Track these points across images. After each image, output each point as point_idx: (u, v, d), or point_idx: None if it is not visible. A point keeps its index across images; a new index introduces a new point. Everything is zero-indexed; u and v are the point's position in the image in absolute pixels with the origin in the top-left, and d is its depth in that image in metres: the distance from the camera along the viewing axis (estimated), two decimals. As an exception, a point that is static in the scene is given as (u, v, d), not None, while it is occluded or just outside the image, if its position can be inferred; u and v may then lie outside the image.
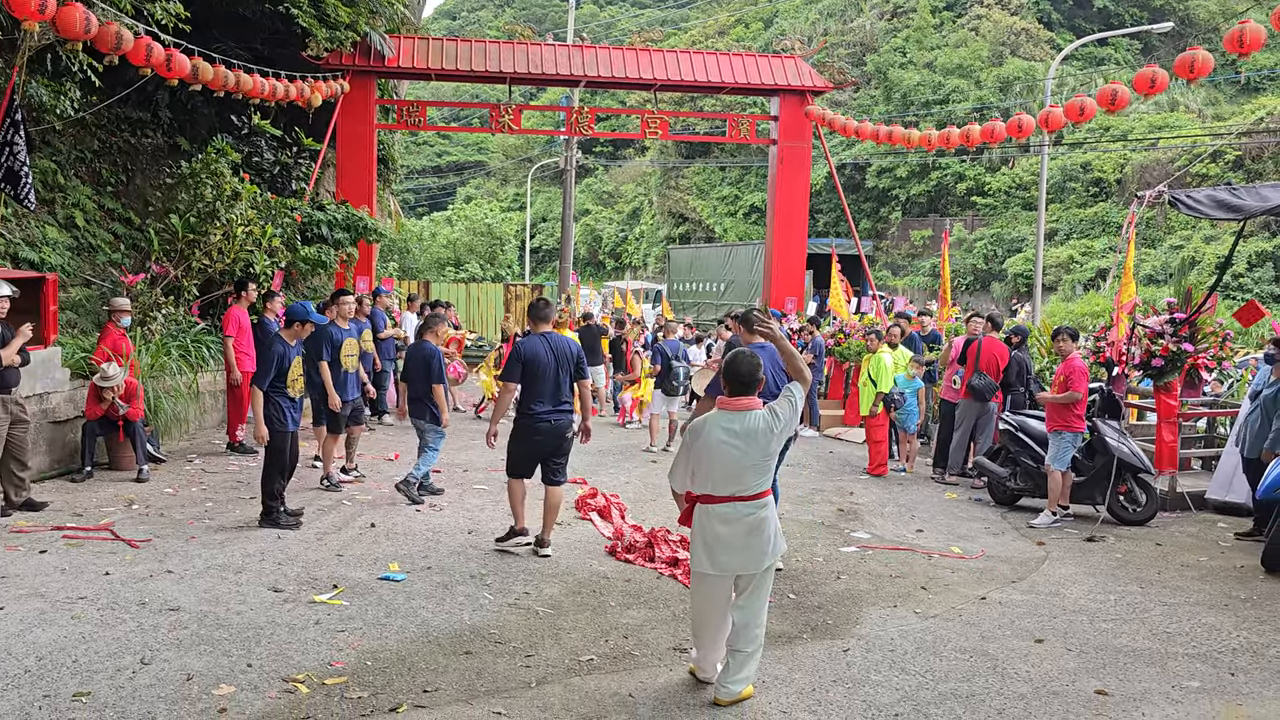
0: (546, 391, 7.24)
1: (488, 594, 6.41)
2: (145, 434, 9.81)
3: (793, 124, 19.26)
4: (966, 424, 10.99)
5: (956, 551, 8.00)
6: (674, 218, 52.86)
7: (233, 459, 10.76)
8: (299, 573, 6.68)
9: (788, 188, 19.48)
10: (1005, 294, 36.14)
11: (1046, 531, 8.83)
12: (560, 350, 7.31)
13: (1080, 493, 9.29)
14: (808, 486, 10.56)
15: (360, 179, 18.06)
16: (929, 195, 41.68)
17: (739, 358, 4.90)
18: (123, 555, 6.94)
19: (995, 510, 9.73)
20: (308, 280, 16.71)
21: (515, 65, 18.61)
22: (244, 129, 16.79)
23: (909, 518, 9.23)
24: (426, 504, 8.92)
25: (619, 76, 19.05)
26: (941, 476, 11.18)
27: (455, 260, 47.91)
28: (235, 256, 12.67)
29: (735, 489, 4.77)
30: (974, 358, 10.85)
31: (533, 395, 7.26)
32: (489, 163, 71.26)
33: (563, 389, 7.31)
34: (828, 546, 8.02)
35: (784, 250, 19.51)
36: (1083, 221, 36.31)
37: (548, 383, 7.23)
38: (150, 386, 10.45)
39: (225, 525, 7.90)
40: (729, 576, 4.84)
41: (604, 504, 8.80)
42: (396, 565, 6.94)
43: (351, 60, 17.37)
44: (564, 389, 7.32)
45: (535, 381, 7.22)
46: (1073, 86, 38.63)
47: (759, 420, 4.76)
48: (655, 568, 7.14)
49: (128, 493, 8.92)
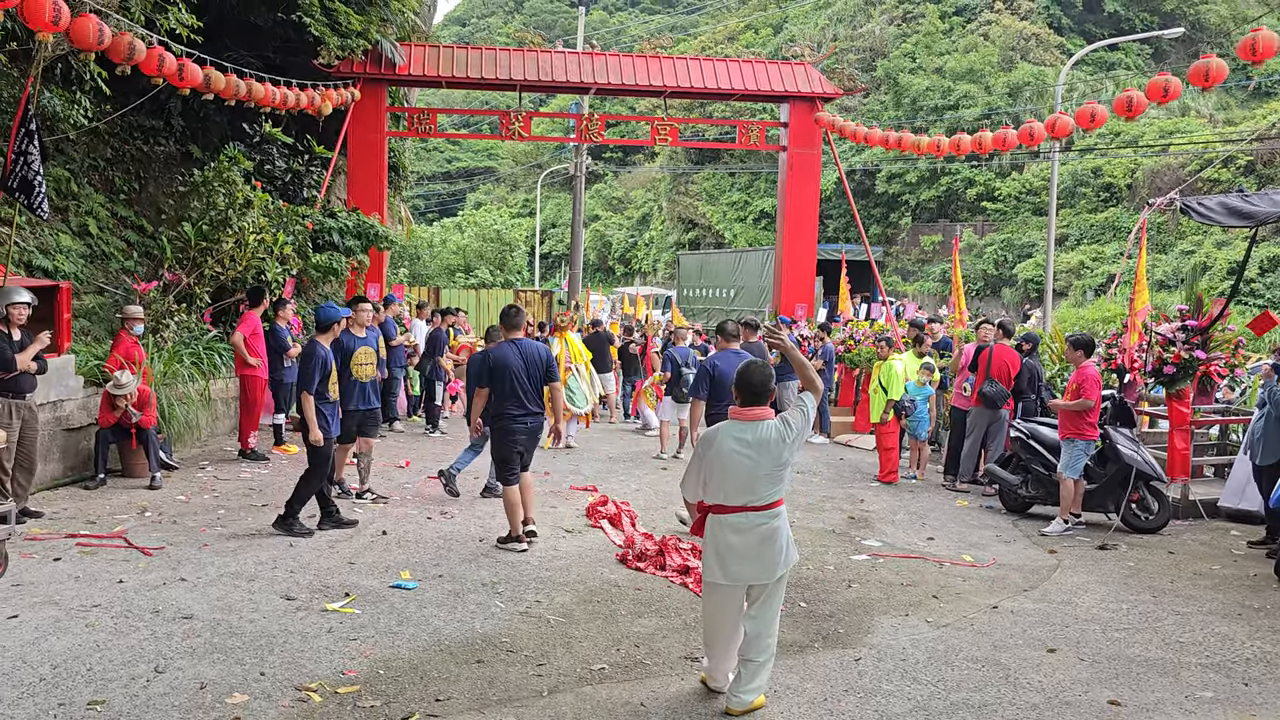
0: (518, 396, 7.74)
1: (499, 602, 6.42)
2: (158, 441, 9.86)
3: (802, 130, 19.27)
4: (978, 431, 10.97)
5: (968, 560, 7.98)
6: (683, 223, 52.85)
7: (245, 466, 10.80)
8: (311, 580, 6.71)
9: (798, 194, 19.48)
10: (1016, 299, 36.03)
11: (1058, 540, 8.80)
12: (530, 356, 7.81)
13: (1092, 500, 9.26)
14: (818, 494, 10.55)
15: (371, 186, 18.12)
16: (939, 200, 41.60)
17: (750, 368, 4.91)
18: (136, 563, 6.97)
19: (1007, 518, 9.70)
20: (319, 287, 16.76)
21: (525, 72, 18.67)
22: (256, 137, 16.87)
23: (920, 525, 9.22)
24: (438, 512, 8.94)
25: (629, 83, 19.10)
26: (953, 484, 11.16)
27: (465, 266, 47.99)
28: (247, 264, 12.73)
29: (748, 499, 4.77)
30: (985, 365, 10.83)
31: (505, 400, 7.75)
32: (499, 169, 71.41)
33: (533, 393, 7.83)
34: (839, 554, 8.01)
35: (794, 256, 19.51)
36: (1093, 226, 36.19)
37: (519, 387, 7.74)
38: (163, 394, 10.50)
39: (238, 533, 7.94)
40: (741, 586, 4.84)
41: (615, 511, 8.81)
42: (408, 573, 6.96)
43: (363, 68, 17.45)
44: (534, 393, 7.85)
45: (506, 386, 7.73)
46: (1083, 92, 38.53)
47: (771, 430, 4.77)
48: (666, 576, 7.15)
49: (141, 500, 8.96)
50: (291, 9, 14.76)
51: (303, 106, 14.31)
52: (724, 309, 31.76)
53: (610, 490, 10.06)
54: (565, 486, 10.43)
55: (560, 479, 10.81)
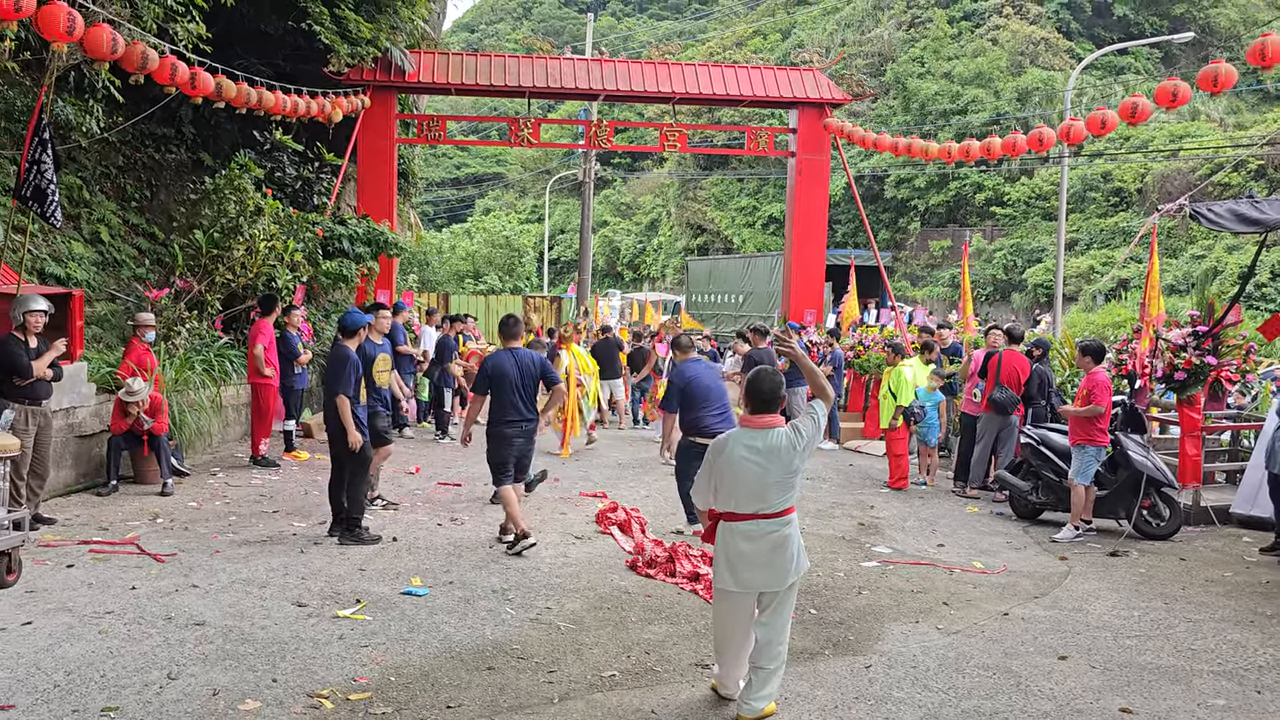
0: (514, 403, 8.01)
1: (510, 609, 6.44)
2: (170, 448, 9.91)
3: (811, 136, 19.28)
4: (988, 438, 10.95)
5: (978, 566, 7.97)
6: (692, 229, 52.89)
7: (255, 472, 10.84)
8: (322, 587, 6.73)
9: (806, 199, 19.48)
10: (1025, 304, 35.96)
11: (1069, 546, 8.78)
12: (525, 365, 8.07)
13: (1103, 507, 9.24)
14: (828, 500, 10.55)
15: (381, 193, 18.20)
16: (948, 205, 41.55)
17: (761, 375, 4.92)
18: (148, 569, 7.01)
19: (1017, 524, 9.69)
20: (329, 294, 16.84)
21: (534, 79, 18.73)
22: (266, 144, 16.95)
23: (930, 532, 9.21)
24: (448, 518, 8.97)
25: (637, 90, 19.13)
26: (963, 490, 11.15)
27: (474, 272, 48.12)
28: (258, 271, 12.80)
29: (758, 506, 4.78)
30: (994, 371, 10.82)
31: (502, 407, 8.01)
32: (507, 175, 71.54)
33: (528, 401, 8.10)
34: (849, 561, 8.00)
35: (803, 262, 19.51)
36: (1103, 231, 36.12)
37: (514, 394, 8.00)
38: (174, 400, 10.55)
39: (249, 539, 7.97)
40: (752, 593, 4.85)
41: (624, 518, 8.81)
42: (419, 580, 6.98)
43: (372, 75, 17.52)
44: (529, 401, 8.12)
45: (503, 394, 7.99)
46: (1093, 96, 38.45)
47: (781, 438, 4.78)
48: (676, 583, 7.15)
49: (152, 506, 9.01)
50: (301, 17, 14.84)
51: (313, 114, 14.38)
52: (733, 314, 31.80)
53: (620, 496, 10.07)
54: (575, 493, 10.44)
55: (570, 485, 10.83)
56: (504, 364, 8.03)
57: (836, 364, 15.03)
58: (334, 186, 17.25)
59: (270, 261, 12.94)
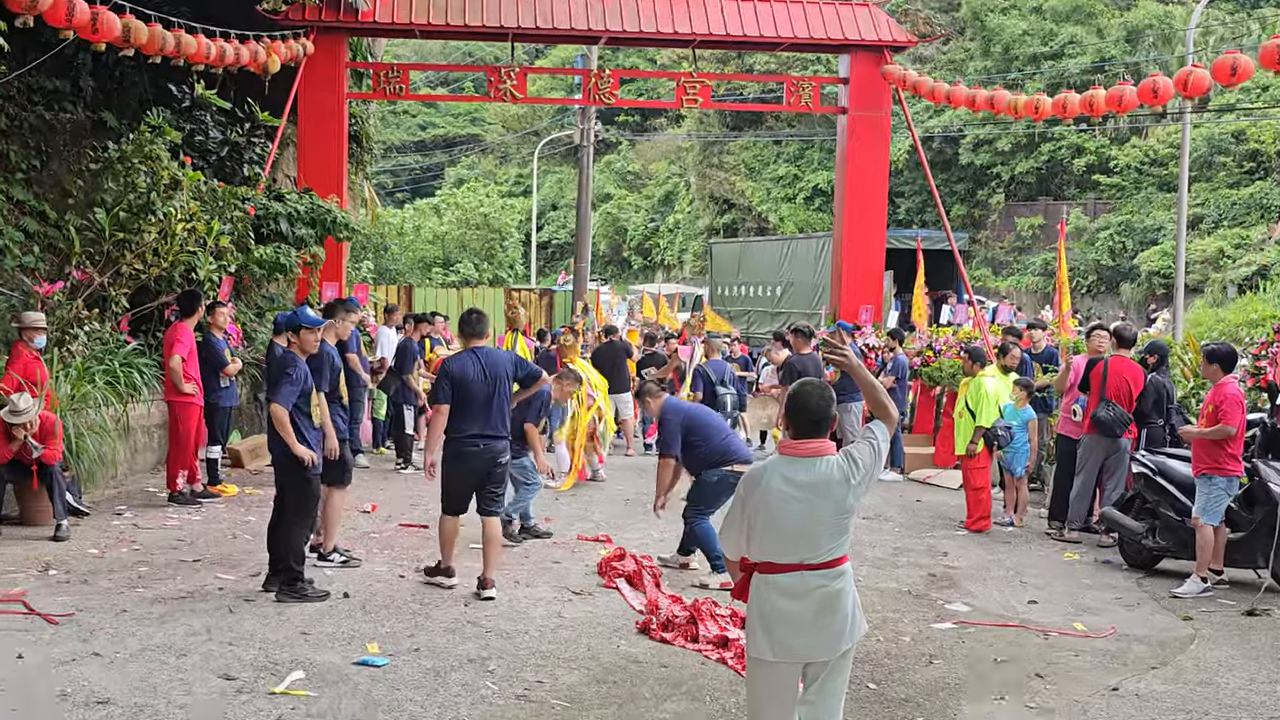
0: (477, 413, 8.13)
1: (490, 683, 6.44)
2: (64, 481, 9.93)
3: (867, 88, 19.29)
4: (1091, 466, 10.92)
5: (1079, 629, 7.96)
6: (717, 204, 52.93)
7: (172, 512, 10.87)
8: (255, 655, 6.75)
9: (861, 167, 19.49)
10: (1138, 298, 35.89)
11: (1195, 602, 8.76)
12: (493, 367, 8.23)
13: (1237, 553, 9.21)
14: (890, 545, 10.54)
15: (327, 161, 18.27)
16: (1039, 174, 41.50)
17: (806, 389, 4.87)
18: (38, 634, 7.02)
19: (1129, 575, 9.67)
20: (262, 287, 16.88)
21: (519, 18, 18.72)
22: (185, 102, 17.02)
23: (1019, 585, 9.20)
24: (412, 568, 8.98)
25: (648, 31, 19.13)
26: (1060, 532, 11.12)
27: (444, 259, 48.25)
28: (174, 259, 12.82)
29: (803, 555, 4.75)
30: (1099, 382, 10.79)
31: (462, 417, 8.15)
32: (486, 137, 71.74)
33: (496, 410, 8.22)
34: (916, 622, 8.00)
35: (856, 245, 19.52)
36: (1235, 205, 36.02)
37: (479, 403, 8.12)
38: (70, 421, 10.58)
39: (164, 596, 7.99)
40: (795, 664, 4.83)
41: (634, 568, 8.81)
42: (376, 646, 6.99)
43: (317, 15, 17.58)
44: (498, 410, 8.24)
45: (465, 402, 8.12)
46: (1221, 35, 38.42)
47: (832, 468, 4.74)
48: (699, 649, 7.15)
49: (43, 554, 9.03)
50: (229, -60, 14.94)
51: (243, 63, 14.43)
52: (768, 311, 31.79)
53: (627, 542, 10.07)
54: (572, 537, 10.45)
55: (565, 527, 10.84)
56: (468, 367, 8.16)
57: (900, 374, 15.02)
58: (269, 153, 17.31)
59: (190, 248, 12.98)
